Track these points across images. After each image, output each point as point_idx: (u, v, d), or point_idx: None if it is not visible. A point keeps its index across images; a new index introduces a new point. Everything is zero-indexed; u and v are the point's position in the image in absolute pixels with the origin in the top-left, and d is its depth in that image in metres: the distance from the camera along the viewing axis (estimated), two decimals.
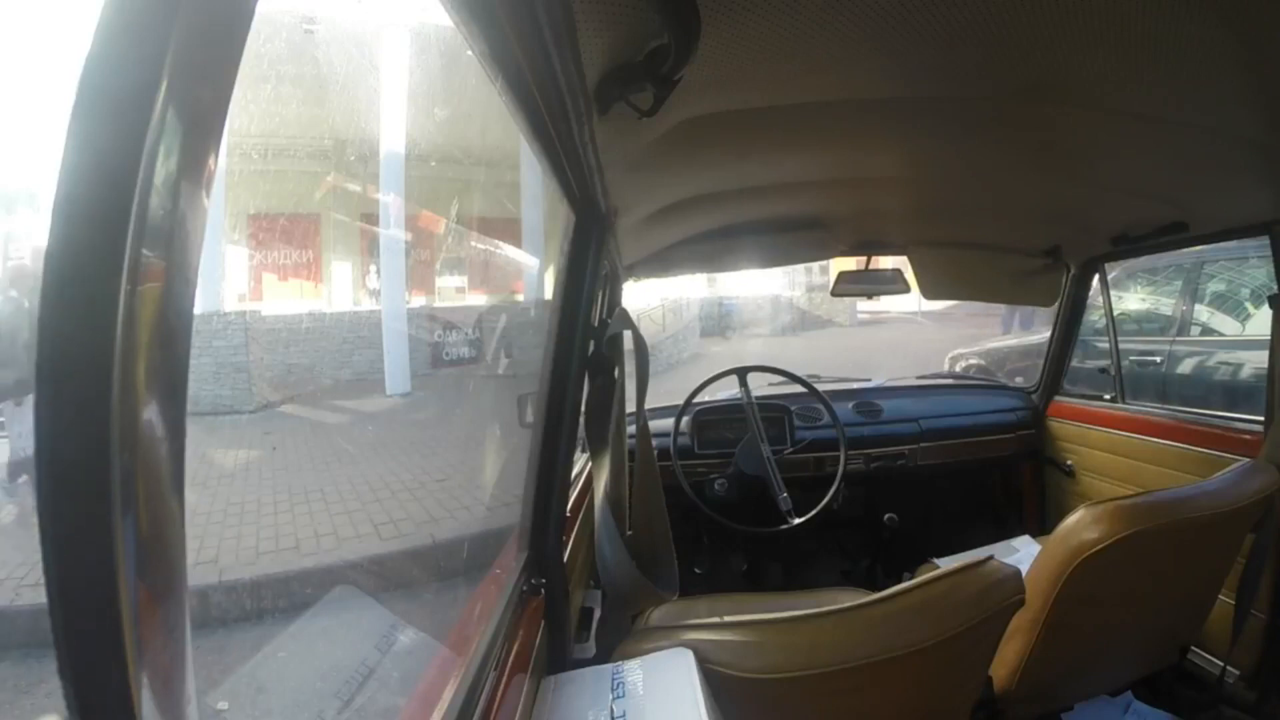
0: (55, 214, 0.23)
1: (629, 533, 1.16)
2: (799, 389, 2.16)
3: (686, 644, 0.84)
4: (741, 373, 2.10)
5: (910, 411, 2.24)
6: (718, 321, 12.97)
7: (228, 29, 0.27)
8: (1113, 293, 2.12)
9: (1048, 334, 2.32)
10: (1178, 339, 3.47)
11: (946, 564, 1.05)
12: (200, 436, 4.04)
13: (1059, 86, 0.89)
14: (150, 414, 0.25)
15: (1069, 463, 2.14)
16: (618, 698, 0.79)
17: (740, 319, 13.39)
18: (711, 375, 2.12)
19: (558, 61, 0.58)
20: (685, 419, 2.09)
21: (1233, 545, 1.33)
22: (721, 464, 2.05)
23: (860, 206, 1.67)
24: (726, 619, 0.87)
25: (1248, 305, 3.20)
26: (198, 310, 0.35)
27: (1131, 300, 3.71)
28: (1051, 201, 1.57)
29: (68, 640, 0.24)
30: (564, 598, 1.03)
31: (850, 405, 2.21)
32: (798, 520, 1.93)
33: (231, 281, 5.77)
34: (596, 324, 1.12)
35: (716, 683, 0.81)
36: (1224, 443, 1.62)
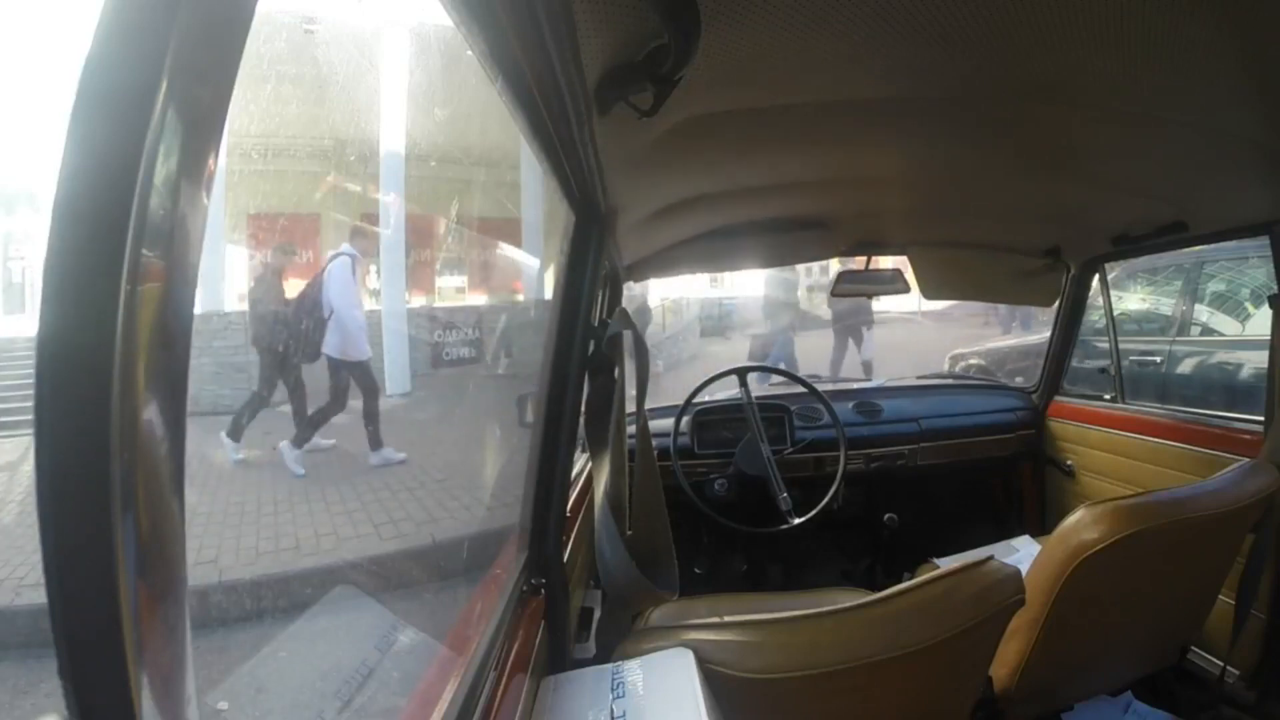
0: (55, 214, 0.23)
1: (629, 533, 1.16)
2: (799, 389, 2.16)
3: (686, 644, 0.84)
4: (741, 373, 2.10)
5: (910, 411, 2.24)
6: (718, 321, 12.96)
7: (228, 29, 0.27)
8: (1113, 293, 2.12)
9: (1048, 334, 2.32)
10: (1178, 339, 3.47)
11: (946, 564, 1.05)
12: (200, 436, 4.03)
13: (1059, 86, 0.89)
14: (150, 414, 0.25)
15: (1069, 463, 2.14)
16: (618, 698, 0.79)
17: (740, 319, 13.38)
18: (711, 375, 2.13)
19: (558, 61, 0.58)
20: (685, 419, 2.09)
21: (1233, 545, 1.33)
22: (721, 464, 2.05)
23: (860, 206, 1.67)
24: (726, 619, 0.87)
25: (1248, 305, 3.20)
26: (198, 310, 0.35)
27: (1131, 300, 3.71)
28: (1051, 201, 1.57)
29: (68, 640, 0.24)
30: (564, 598, 1.03)
31: (850, 405, 2.21)
32: (798, 520, 1.93)
33: (231, 281, 5.75)
34: (596, 324, 1.12)
35: (716, 683, 0.80)
36: (1224, 443, 1.62)
